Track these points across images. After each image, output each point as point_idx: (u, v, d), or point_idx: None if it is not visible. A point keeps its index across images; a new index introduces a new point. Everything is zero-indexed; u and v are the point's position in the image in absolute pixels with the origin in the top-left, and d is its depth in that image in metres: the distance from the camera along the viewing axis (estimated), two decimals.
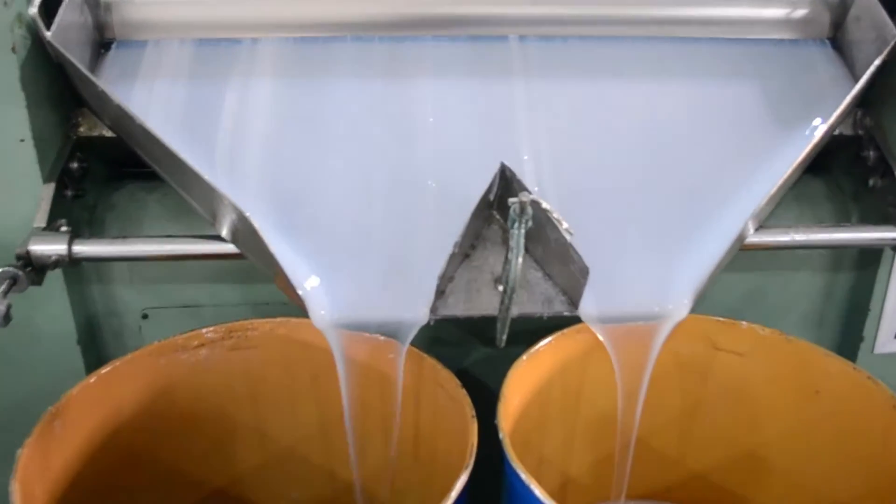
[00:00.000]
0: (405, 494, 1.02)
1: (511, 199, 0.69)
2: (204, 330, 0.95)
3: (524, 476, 0.71)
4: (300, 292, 0.77)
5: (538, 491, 0.69)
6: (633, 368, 0.85)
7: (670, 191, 0.87)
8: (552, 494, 1.08)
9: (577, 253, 0.74)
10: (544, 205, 0.70)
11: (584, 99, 0.96)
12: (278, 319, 0.97)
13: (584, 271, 0.74)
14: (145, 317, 1.08)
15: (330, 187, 0.86)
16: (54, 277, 1.00)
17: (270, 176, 0.86)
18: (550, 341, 0.92)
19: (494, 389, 0.86)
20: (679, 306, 0.80)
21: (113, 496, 0.91)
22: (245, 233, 0.79)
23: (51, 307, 1.01)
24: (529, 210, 0.69)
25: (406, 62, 0.97)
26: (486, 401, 0.83)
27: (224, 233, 0.84)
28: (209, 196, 0.79)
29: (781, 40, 1.03)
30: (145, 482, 0.95)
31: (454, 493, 0.69)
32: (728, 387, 1.00)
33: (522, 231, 0.69)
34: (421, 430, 0.96)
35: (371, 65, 0.97)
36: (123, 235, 1.03)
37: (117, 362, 0.88)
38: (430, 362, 0.88)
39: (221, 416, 1.00)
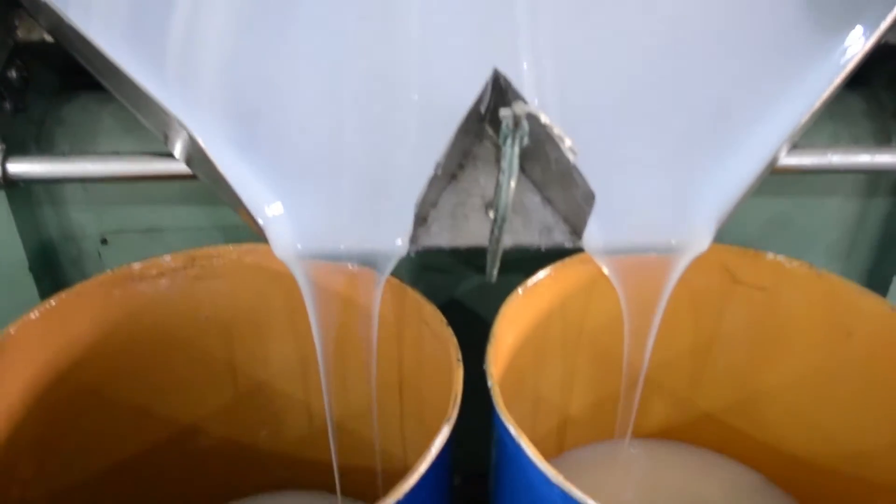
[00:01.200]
0: (391, 435, 0.94)
1: (503, 111, 0.58)
2: (163, 258, 0.85)
3: (513, 430, 0.62)
4: (259, 221, 0.67)
5: (527, 447, 0.60)
6: (642, 306, 0.75)
7: (691, 104, 0.75)
8: (549, 434, 1.02)
9: (581, 175, 0.63)
10: (543, 118, 0.58)
11: None
12: (246, 246, 0.87)
13: (590, 197, 0.63)
14: (104, 242, 0.99)
15: (296, 97, 0.74)
16: None
17: (227, 84, 0.74)
18: (549, 273, 0.82)
19: (488, 321, 0.76)
20: (699, 238, 0.69)
21: (70, 438, 0.83)
22: (197, 155, 0.67)
23: None
24: (525, 124, 0.58)
25: None
26: (479, 334, 0.74)
27: (177, 154, 0.73)
28: (155, 112, 0.68)
29: None
30: (107, 423, 0.87)
31: (434, 450, 0.60)
32: (746, 323, 0.91)
33: (516, 150, 0.58)
34: (405, 368, 0.87)
35: None
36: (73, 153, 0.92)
37: (63, 295, 0.78)
38: (413, 295, 0.79)
39: (188, 350, 0.91)
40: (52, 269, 0.99)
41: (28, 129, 0.93)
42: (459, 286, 1.03)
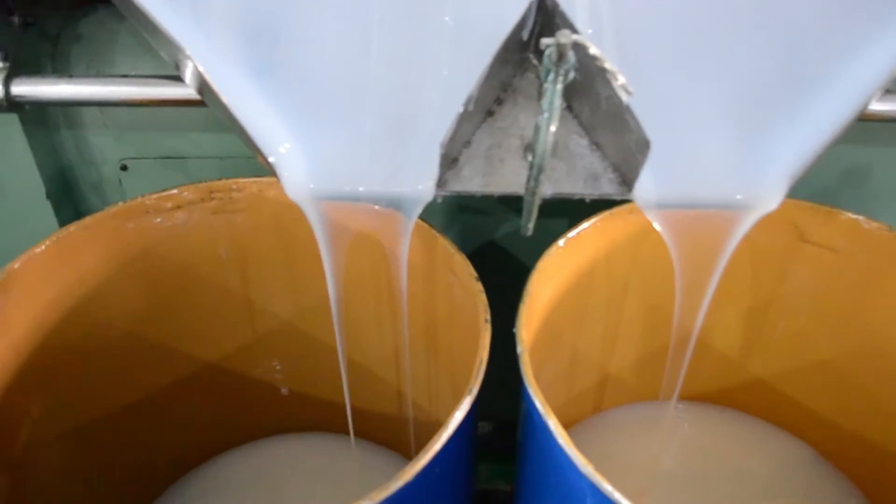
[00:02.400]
0: (419, 384, 0.89)
1: (545, 40, 0.49)
2: (179, 190, 0.79)
3: (541, 408, 0.56)
4: (270, 158, 0.60)
5: (557, 429, 0.54)
6: (698, 266, 0.67)
7: (767, 39, 0.64)
8: (587, 392, 0.96)
9: (634, 118, 0.54)
10: (592, 49, 0.50)
11: None
12: (267, 179, 0.81)
13: (644, 144, 0.54)
14: (124, 168, 0.94)
15: (315, 16, 0.66)
16: (8, 122, 0.85)
17: (241, 3, 0.66)
18: (594, 223, 0.74)
19: (529, 265, 0.69)
20: (768, 195, 0.60)
21: (82, 378, 0.80)
22: (205, 87, 0.61)
23: (10, 157, 0.87)
24: (571, 57, 0.49)
25: None
26: (518, 279, 0.67)
27: (188, 83, 0.66)
28: (160, 38, 0.61)
29: None
30: (120, 362, 0.84)
31: (453, 424, 0.54)
32: (812, 287, 0.82)
33: (559, 87, 0.49)
34: (435, 316, 0.81)
35: None
36: (90, 74, 0.87)
37: (71, 228, 0.74)
38: (443, 244, 0.72)
39: (205, 287, 0.86)
40: (71, 197, 0.95)
41: (42, 45, 0.88)
42: (498, 229, 0.96)
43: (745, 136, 0.62)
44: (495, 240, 0.96)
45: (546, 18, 0.60)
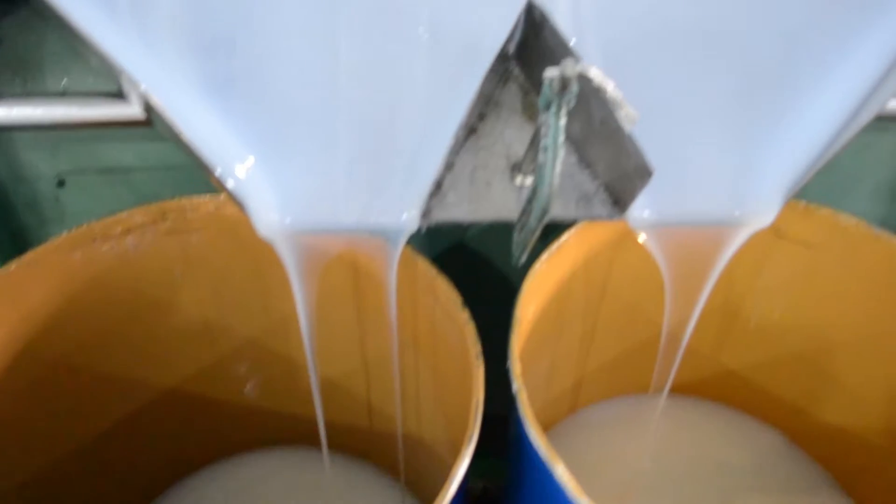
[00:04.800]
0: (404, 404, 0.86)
1: (549, 71, 0.45)
2: (129, 213, 0.73)
3: (545, 454, 0.53)
4: (229, 184, 0.55)
5: (563, 476, 0.52)
6: (688, 280, 0.66)
7: (761, 41, 0.62)
8: (565, 393, 0.94)
9: (635, 145, 0.51)
10: (597, 79, 0.46)
11: None
12: (224, 196, 0.75)
13: (644, 171, 0.52)
14: (62, 184, 0.86)
15: (278, 24, 0.60)
16: None
17: (193, 6, 0.60)
18: (574, 233, 0.72)
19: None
20: (764, 208, 0.58)
21: (40, 418, 0.74)
22: (152, 108, 0.55)
23: None
24: (574, 87, 0.46)
25: None
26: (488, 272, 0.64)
27: (133, 102, 0.59)
28: (95, 50, 0.54)
29: None
30: (80, 396, 0.78)
31: (456, 480, 0.51)
32: (787, 281, 0.82)
33: (562, 122, 0.46)
34: (417, 336, 0.77)
35: None
36: (15, 84, 0.79)
37: (13, 265, 0.67)
38: (423, 265, 0.68)
39: (161, 311, 0.81)
40: (4, 219, 0.87)
41: None
42: (469, 229, 0.93)
43: (737, 149, 0.60)
44: (466, 241, 0.92)
45: (532, 28, 0.56)
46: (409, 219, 0.57)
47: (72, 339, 0.75)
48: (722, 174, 0.59)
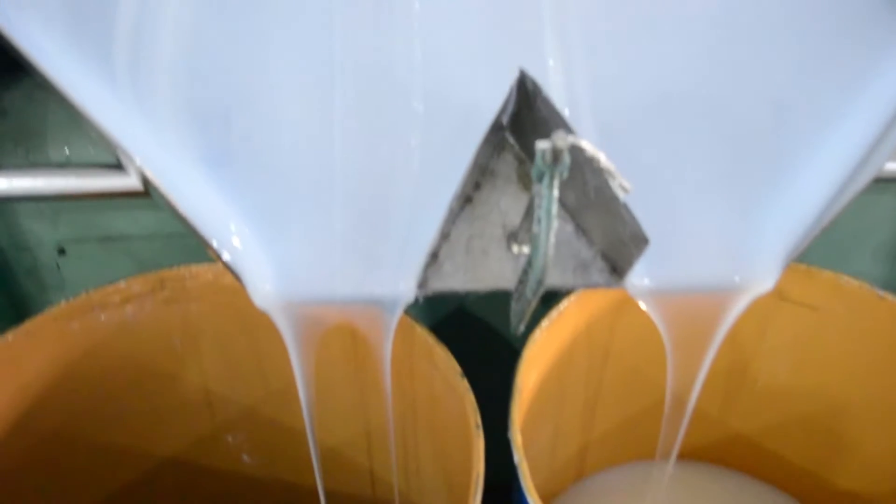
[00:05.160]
0: (400, 465, 0.85)
1: (540, 144, 0.45)
2: (128, 282, 0.73)
3: None
4: (225, 256, 0.55)
5: None
6: (690, 345, 0.65)
7: (751, 107, 0.62)
8: (570, 461, 0.92)
9: (630, 213, 0.51)
10: (589, 150, 0.46)
11: None
12: (222, 264, 0.75)
13: (640, 240, 0.51)
14: (62, 252, 0.86)
15: (272, 97, 0.61)
16: None
17: (189, 82, 0.61)
18: (575, 299, 0.71)
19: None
20: (764, 274, 0.58)
21: (35, 489, 0.73)
22: (150, 182, 0.55)
23: None
24: (566, 159, 0.46)
25: None
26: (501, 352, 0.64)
27: (132, 175, 0.60)
28: (96, 128, 0.55)
29: None
30: (76, 467, 0.77)
31: None
32: (792, 343, 0.81)
33: (555, 193, 0.46)
34: (415, 403, 0.76)
35: None
36: (18, 154, 0.80)
37: (10, 336, 0.67)
38: (421, 333, 0.68)
39: (159, 380, 0.80)
40: (4, 285, 0.87)
41: None
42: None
43: (735, 215, 0.60)
44: (466, 305, 0.92)
45: (525, 98, 0.56)
46: (405, 289, 0.56)
47: (68, 409, 0.74)
48: (720, 240, 0.59)
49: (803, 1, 0.68)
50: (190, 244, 0.86)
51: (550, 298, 0.72)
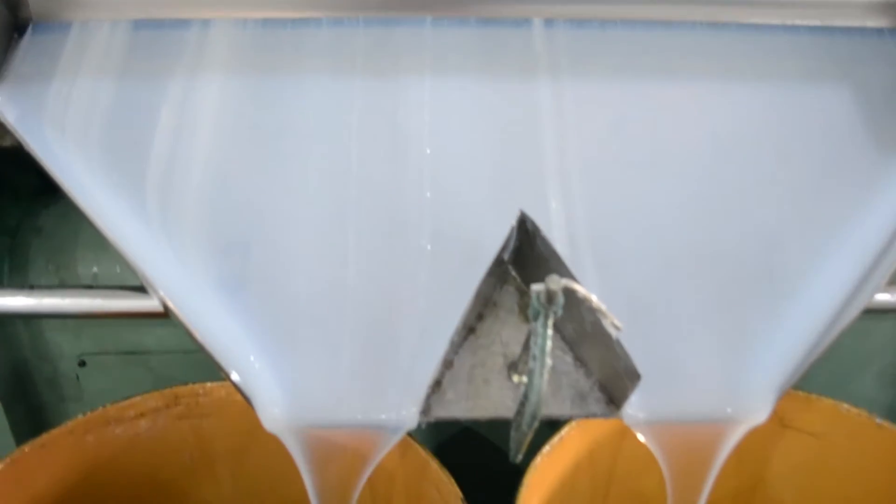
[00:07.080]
0: None
1: (535, 287, 0.48)
2: (143, 398, 0.76)
3: None
4: (234, 378, 0.58)
5: None
6: (689, 472, 0.65)
7: (743, 243, 0.66)
8: None
9: (623, 349, 0.54)
10: (581, 292, 0.49)
11: (631, 108, 0.73)
12: None
13: (634, 375, 0.54)
14: (83, 364, 0.89)
15: (291, 229, 0.65)
16: None
17: (214, 212, 0.66)
18: (576, 425, 0.73)
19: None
20: (758, 406, 0.59)
21: None
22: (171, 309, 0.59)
23: None
24: (560, 299, 0.49)
25: (397, 54, 0.75)
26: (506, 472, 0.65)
27: (154, 299, 0.64)
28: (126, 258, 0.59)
29: (881, 29, 0.80)
30: None
31: None
32: (796, 469, 0.81)
33: (549, 331, 0.49)
34: None
35: (352, 57, 0.75)
36: (49, 272, 0.84)
37: (27, 448, 0.69)
38: (436, 469, 0.69)
39: (173, 493, 0.82)
40: (24, 394, 0.90)
41: (0, 239, 0.85)
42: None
43: (727, 349, 0.62)
44: (470, 427, 0.93)
45: (525, 236, 0.60)
46: (408, 416, 0.59)
47: None
48: (713, 373, 0.61)
49: (793, 144, 0.73)
50: (206, 360, 0.89)
51: (553, 423, 0.74)
